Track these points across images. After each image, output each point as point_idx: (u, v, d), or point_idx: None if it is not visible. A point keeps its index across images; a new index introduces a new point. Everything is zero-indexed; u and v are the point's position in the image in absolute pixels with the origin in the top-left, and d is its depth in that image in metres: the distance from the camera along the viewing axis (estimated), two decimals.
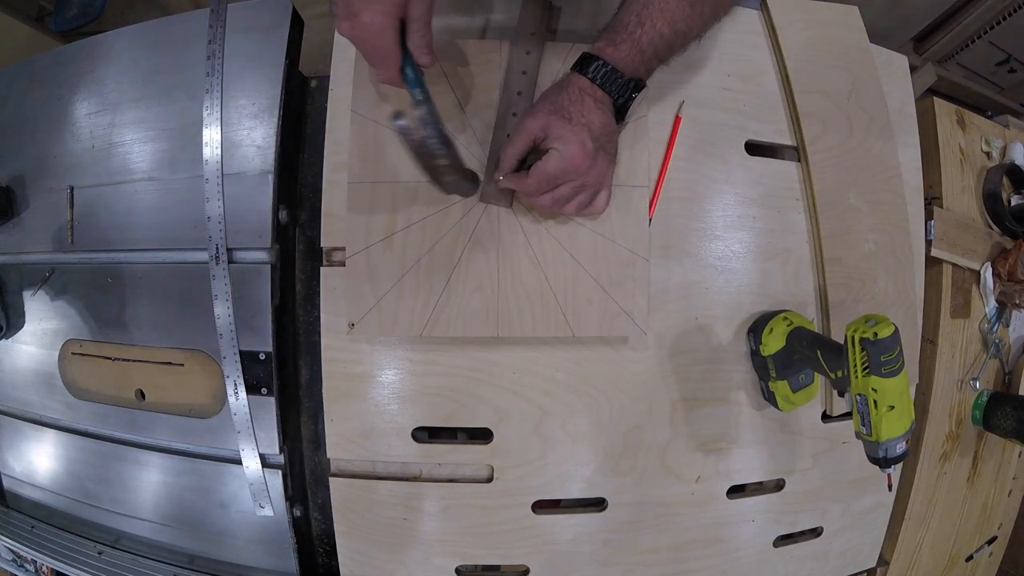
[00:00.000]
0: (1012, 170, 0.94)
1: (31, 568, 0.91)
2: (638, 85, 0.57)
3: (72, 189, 0.78)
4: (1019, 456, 1.00)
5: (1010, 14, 1.60)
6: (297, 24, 0.75)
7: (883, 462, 0.56)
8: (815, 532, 0.80)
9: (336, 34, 0.69)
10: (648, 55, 0.55)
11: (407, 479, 0.71)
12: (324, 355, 0.69)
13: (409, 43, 0.52)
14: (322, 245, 0.69)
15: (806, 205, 0.75)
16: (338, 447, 0.70)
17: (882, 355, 0.52)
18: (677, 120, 0.71)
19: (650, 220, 0.67)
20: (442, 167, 0.57)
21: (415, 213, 0.64)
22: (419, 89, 0.54)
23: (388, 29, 0.50)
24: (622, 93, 0.56)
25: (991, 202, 0.91)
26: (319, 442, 0.75)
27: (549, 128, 0.55)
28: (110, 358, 0.77)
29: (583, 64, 0.56)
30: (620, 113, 0.58)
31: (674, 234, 0.71)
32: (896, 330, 0.52)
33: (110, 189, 0.74)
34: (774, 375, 0.68)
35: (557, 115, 0.54)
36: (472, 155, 0.65)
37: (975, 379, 0.90)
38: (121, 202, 0.76)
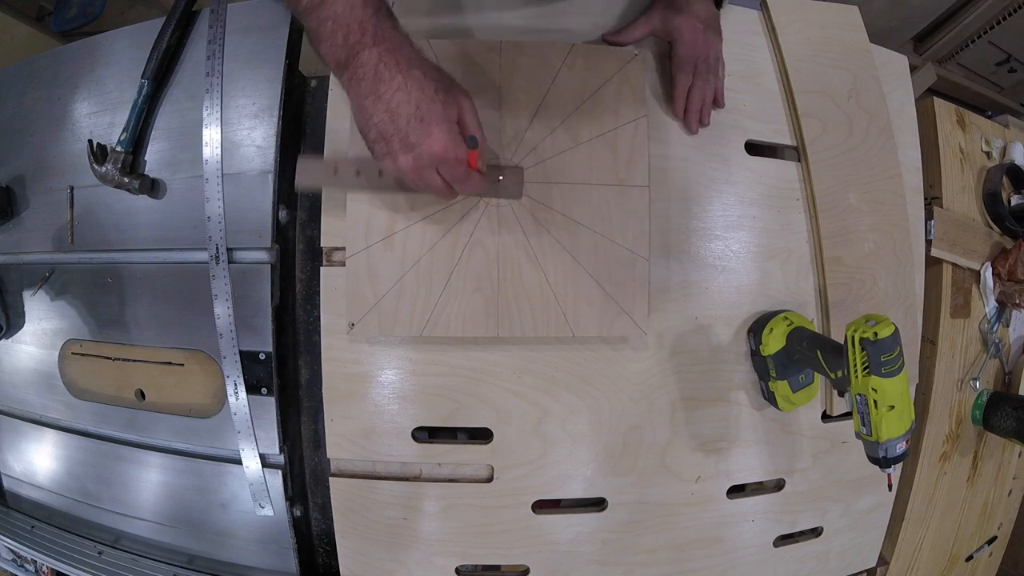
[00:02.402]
0: (1012, 170, 0.94)
1: (31, 568, 0.91)
2: None
3: (72, 189, 0.78)
4: (1019, 456, 1.00)
5: (1010, 14, 1.60)
6: (297, 24, 0.75)
7: (883, 462, 0.56)
8: (815, 532, 0.80)
9: None
10: None
11: (407, 479, 0.71)
12: (324, 355, 0.69)
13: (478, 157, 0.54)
14: (322, 245, 0.69)
15: (806, 205, 0.75)
16: (338, 447, 0.70)
17: (882, 355, 0.52)
18: None
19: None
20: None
21: (415, 213, 0.64)
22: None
23: (460, 143, 0.51)
24: None
25: (991, 202, 0.91)
26: (319, 442, 0.75)
27: (663, 20, 0.68)
28: (110, 358, 0.77)
29: None
30: (718, 3, 0.70)
31: (674, 234, 0.71)
32: (896, 330, 0.52)
33: (110, 189, 0.73)
34: (774, 375, 0.68)
35: (669, 9, 0.68)
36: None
37: (975, 379, 0.90)
38: (121, 202, 0.76)
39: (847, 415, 0.65)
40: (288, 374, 0.74)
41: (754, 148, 0.75)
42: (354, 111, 0.50)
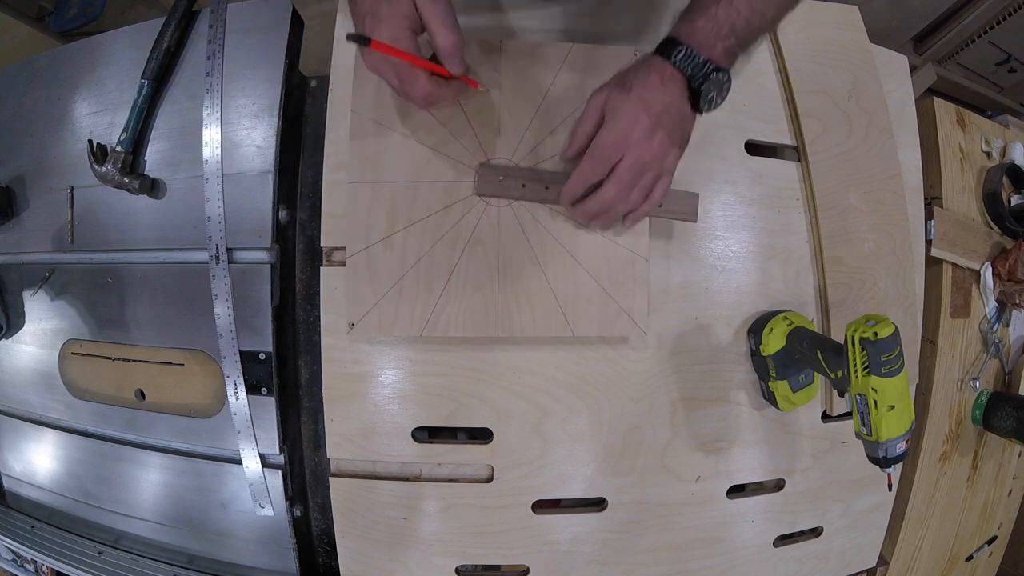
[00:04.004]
0: (1012, 170, 0.94)
1: (31, 568, 0.91)
2: (718, 69, 0.52)
3: (72, 189, 0.78)
4: (1019, 456, 1.00)
5: (1010, 14, 1.60)
6: (297, 24, 0.75)
7: (883, 462, 0.56)
8: (815, 532, 0.80)
9: (336, 33, 0.69)
10: (725, 32, 0.51)
11: (407, 479, 0.71)
12: (324, 355, 0.69)
13: (436, 51, 0.50)
14: (322, 245, 0.69)
15: (806, 205, 0.75)
16: (338, 447, 0.70)
17: (882, 355, 0.52)
18: None
19: None
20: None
21: (415, 213, 0.64)
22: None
23: (401, 40, 0.48)
24: (696, 71, 0.51)
25: (991, 202, 0.91)
26: (319, 442, 0.75)
27: (608, 100, 0.53)
28: (110, 358, 0.77)
29: (660, 45, 0.53)
30: (696, 97, 0.53)
31: (674, 234, 0.71)
32: (896, 330, 0.52)
33: (110, 189, 0.73)
34: (774, 375, 0.68)
35: (618, 87, 0.53)
36: (473, 156, 0.65)
37: (975, 379, 0.90)
38: (121, 202, 0.76)
39: (847, 415, 0.65)
40: (288, 374, 0.74)
41: (754, 148, 0.75)
42: None
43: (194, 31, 0.76)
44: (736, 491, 0.76)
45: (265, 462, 0.72)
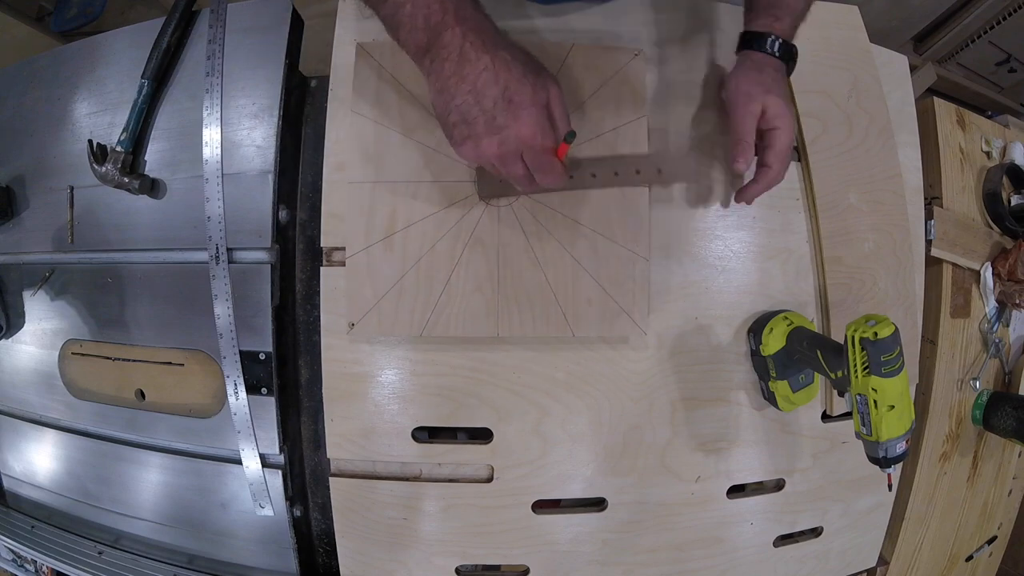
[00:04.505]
0: (1012, 170, 0.94)
1: (31, 568, 0.91)
2: (796, 50, 0.64)
3: (72, 189, 0.78)
4: (1019, 456, 1.00)
5: (1010, 14, 1.60)
6: (297, 24, 0.75)
7: (883, 462, 0.56)
8: (815, 532, 0.80)
9: (336, 33, 0.69)
10: (799, 20, 0.63)
11: (407, 479, 0.71)
12: (324, 355, 0.69)
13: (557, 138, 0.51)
14: (322, 245, 0.69)
15: (806, 205, 0.75)
16: (338, 447, 0.70)
17: (882, 355, 0.52)
18: None
19: None
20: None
21: (415, 213, 0.64)
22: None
23: (548, 130, 0.48)
24: (791, 58, 0.64)
25: (991, 202, 0.91)
26: (319, 442, 0.75)
27: (768, 107, 0.61)
28: (110, 358, 0.77)
29: (759, 42, 0.62)
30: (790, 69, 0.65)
31: (674, 234, 0.71)
32: (896, 330, 0.52)
33: (110, 189, 0.73)
34: (774, 375, 0.68)
35: (772, 94, 0.61)
36: None
37: (975, 379, 0.90)
38: (121, 202, 0.76)
39: (847, 415, 0.65)
40: (288, 374, 0.74)
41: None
42: (434, 96, 0.47)
43: (194, 31, 0.76)
44: (736, 491, 0.76)
45: (265, 462, 0.72)
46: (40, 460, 0.86)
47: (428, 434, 0.72)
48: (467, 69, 0.45)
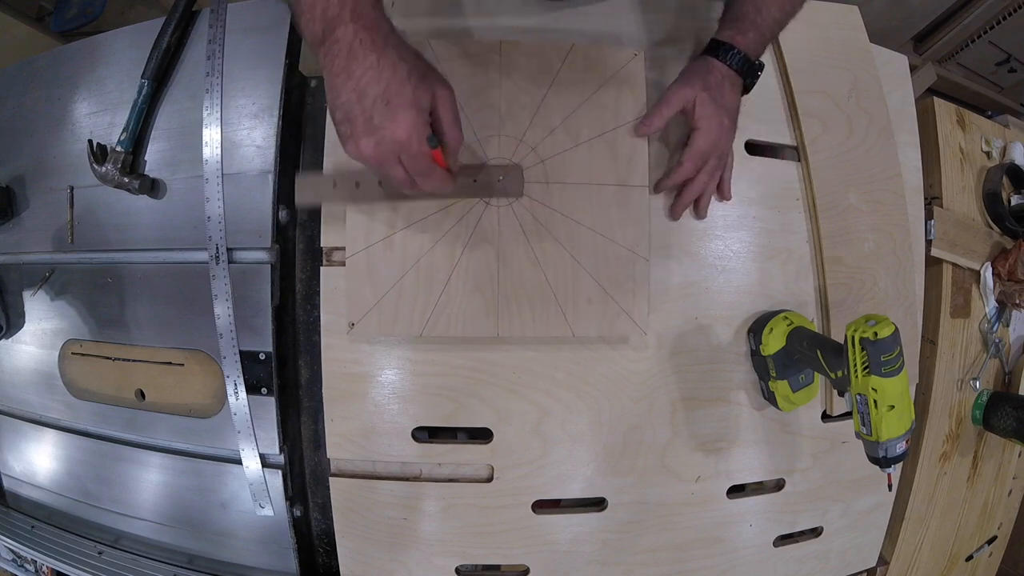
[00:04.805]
0: (1012, 170, 0.94)
1: (31, 568, 0.91)
2: (760, 66, 0.65)
3: (72, 189, 0.78)
4: (1019, 456, 1.00)
5: (1010, 14, 1.60)
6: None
7: (883, 462, 0.56)
8: (815, 532, 0.80)
9: None
10: (767, 38, 0.64)
11: (407, 479, 0.71)
12: (324, 355, 0.69)
13: (445, 145, 0.51)
14: (322, 245, 0.69)
15: (806, 205, 0.75)
16: (338, 447, 0.70)
17: (882, 355, 0.52)
18: None
19: None
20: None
21: (415, 213, 0.64)
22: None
23: (422, 129, 0.47)
24: (750, 74, 0.64)
25: (991, 202, 0.91)
26: (319, 442, 0.75)
27: (699, 103, 0.62)
28: (110, 358, 0.77)
29: (718, 50, 0.63)
30: (746, 90, 0.66)
31: (674, 234, 0.71)
32: (896, 330, 0.52)
33: (110, 189, 0.73)
34: (774, 375, 0.68)
35: (707, 93, 0.62)
36: (474, 155, 0.65)
37: (975, 379, 0.90)
38: (121, 202, 0.76)
39: (847, 415, 0.65)
40: (288, 374, 0.74)
41: (754, 148, 0.75)
42: (327, 91, 0.47)
43: (194, 31, 0.76)
44: (736, 491, 0.76)
45: (265, 462, 0.72)
46: (40, 460, 0.86)
47: (428, 434, 0.72)
48: (354, 66, 0.45)
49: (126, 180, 0.72)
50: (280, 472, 0.73)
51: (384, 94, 0.45)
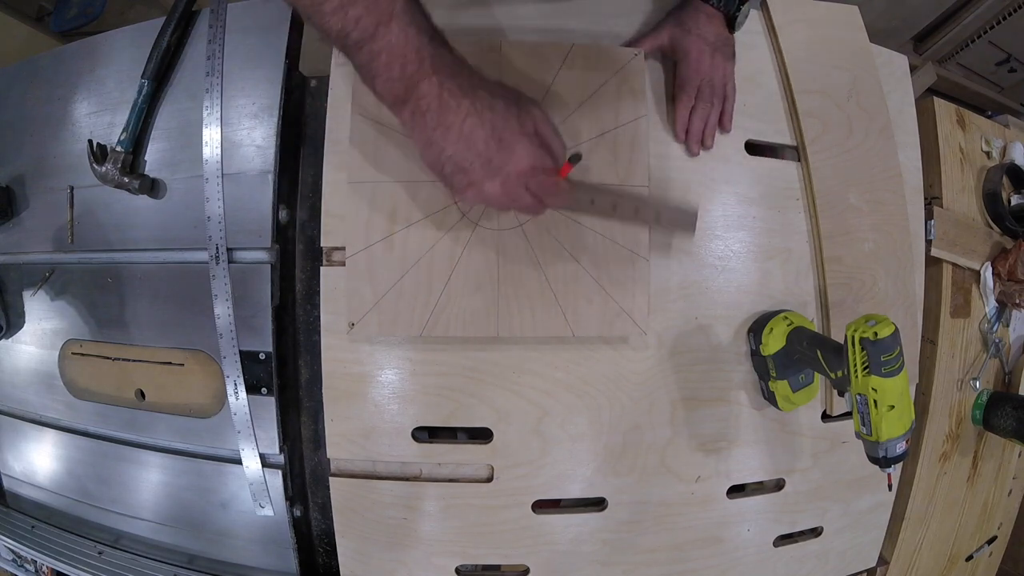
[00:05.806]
0: (1012, 170, 0.94)
1: (31, 568, 0.91)
2: (743, 2, 0.66)
3: (72, 189, 0.78)
4: (1019, 456, 1.00)
5: (1010, 14, 1.60)
6: (297, 24, 0.75)
7: (883, 462, 0.56)
8: (815, 532, 0.80)
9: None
10: None
11: (407, 479, 0.71)
12: (324, 355, 0.69)
13: (556, 158, 0.51)
14: (322, 245, 0.69)
15: (806, 205, 0.75)
16: (338, 447, 0.70)
17: (882, 355, 0.52)
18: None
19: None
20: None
21: (415, 213, 0.64)
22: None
23: (544, 154, 0.49)
24: (731, 7, 0.66)
25: (991, 202, 0.91)
26: (319, 442, 0.75)
27: (671, 38, 0.68)
28: (110, 358, 0.77)
29: None
30: (731, 23, 0.68)
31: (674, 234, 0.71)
32: (896, 330, 0.52)
33: (110, 189, 0.73)
34: (774, 375, 0.68)
35: (680, 27, 0.67)
36: None
37: (975, 379, 0.90)
38: (121, 202, 0.76)
39: (847, 415, 0.65)
40: (288, 374, 0.74)
41: (754, 148, 0.75)
42: (421, 149, 0.47)
43: (194, 31, 0.76)
44: (736, 491, 0.76)
45: (265, 462, 0.72)
46: (40, 460, 0.86)
47: (428, 434, 0.72)
48: (450, 117, 0.45)
49: (126, 180, 0.72)
50: (280, 472, 0.73)
51: (493, 134, 0.46)
